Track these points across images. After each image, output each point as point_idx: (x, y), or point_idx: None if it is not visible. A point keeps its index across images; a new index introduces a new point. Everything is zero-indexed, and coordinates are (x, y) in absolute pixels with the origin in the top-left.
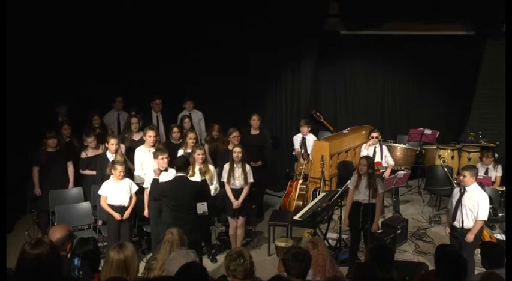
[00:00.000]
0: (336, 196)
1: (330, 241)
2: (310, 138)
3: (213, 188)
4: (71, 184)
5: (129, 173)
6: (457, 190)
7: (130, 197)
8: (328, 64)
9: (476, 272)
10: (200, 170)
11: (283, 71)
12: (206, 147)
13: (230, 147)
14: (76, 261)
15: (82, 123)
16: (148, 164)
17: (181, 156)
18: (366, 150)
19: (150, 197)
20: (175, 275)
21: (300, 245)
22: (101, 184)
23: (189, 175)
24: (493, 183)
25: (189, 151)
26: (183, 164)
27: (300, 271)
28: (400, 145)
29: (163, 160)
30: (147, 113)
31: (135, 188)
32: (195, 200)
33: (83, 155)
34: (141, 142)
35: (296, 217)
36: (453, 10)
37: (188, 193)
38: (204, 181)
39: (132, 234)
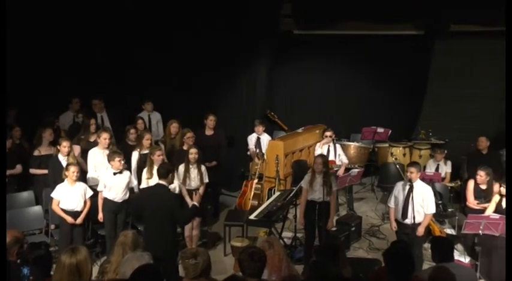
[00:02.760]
0: (291, 195)
1: (285, 240)
2: (265, 138)
3: (172, 187)
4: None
5: (83, 175)
6: (400, 187)
7: (84, 202)
8: (282, 64)
9: (426, 266)
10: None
11: (238, 71)
12: (162, 147)
13: (185, 148)
14: (25, 271)
15: (33, 125)
16: (102, 166)
17: (165, 163)
18: (320, 149)
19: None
20: (130, 277)
21: (256, 244)
22: (53, 186)
23: (146, 177)
24: (443, 179)
25: (144, 152)
26: (164, 172)
27: (255, 271)
28: (353, 144)
29: (119, 162)
30: (89, 112)
31: (90, 193)
32: (170, 212)
33: (36, 152)
34: (97, 143)
35: (251, 217)
36: (403, 10)
37: (165, 202)
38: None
39: (85, 237)
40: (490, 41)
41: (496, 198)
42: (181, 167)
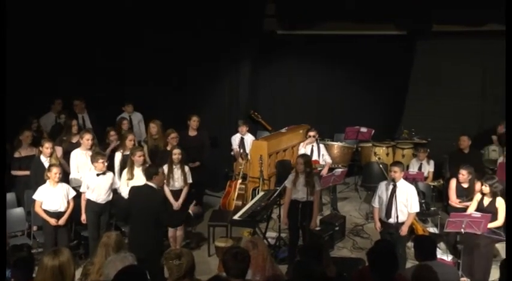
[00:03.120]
0: (275, 194)
1: (269, 240)
2: (249, 138)
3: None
4: None
5: (66, 176)
6: (383, 187)
7: (68, 202)
8: (266, 64)
9: (409, 265)
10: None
11: (221, 71)
12: (145, 148)
13: (169, 148)
14: (7, 273)
15: (14, 126)
16: (85, 167)
17: (152, 165)
18: (304, 149)
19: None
20: (113, 279)
21: (240, 245)
22: (35, 188)
23: (127, 178)
24: (425, 178)
25: (127, 153)
26: (152, 172)
27: (239, 271)
28: (337, 143)
29: (103, 164)
30: (71, 113)
31: (73, 193)
32: (158, 212)
33: (17, 154)
34: (79, 144)
35: (235, 217)
36: (386, 10)
37: (152, 204)
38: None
39: (70, 239)
40: (472, 41)
41: (477, 196)
42: (165, 168)
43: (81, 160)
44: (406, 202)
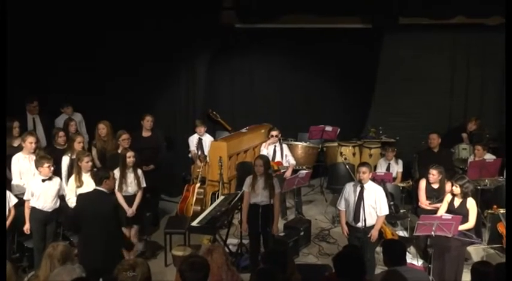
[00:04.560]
0: (236, 199)
1: (230, 247)
2: (207, 139)
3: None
4: None
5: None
6: (350, 189)
7: (8, 210)
8: (224, 60)
9: (378, 270)
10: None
11: (176, 68)
12: (94, 151)
13: (120, 151)
14: None
15: None
16: (28, 172)
17: (102, 169)
18: (266, 149)
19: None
20: None
21: (199, 253)
22: None
23: (76, 185)
24: (394, 179)
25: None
26: (102, 176)
27: None
28: (301, 143)
29: (49, 168)
30: (21, 116)
31: (14, 200)
32: (111, 219)
33: None
34: (21, 148)
35: (194, 223)
36: (350, 3)
37: (105, 210)
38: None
39: (11, 251)
40: (440, 34)
41: (448, 197)
42: (116, 172)
43: (23, 165)
44: (375, 205)
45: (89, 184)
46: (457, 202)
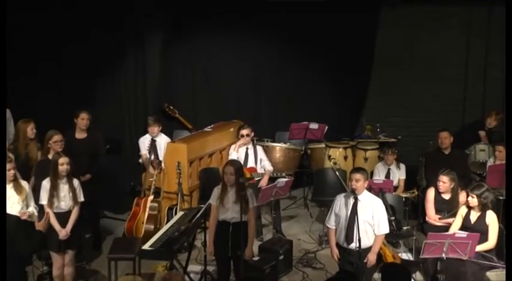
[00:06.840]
0: (198, 215)
1: (192, 275)
2: (162, 140)
3: (30, 211)
4: None
5: None
6: (341, 201)
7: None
8: (181, 43)
9: None
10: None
11: (121, 53)
12: (12, 157)
13: (50, 156)
14: None
15: None
16: None
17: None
18: (236, 153)
19: None
20: None
21: None
22: None
23: None
24: (395, 188)
25: None
26: None
27: None
28: (279, 145)
29: None
30: None
31: None
32: (12, 244)
33: None
34: None
35: (146, 247)
36: None
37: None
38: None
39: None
40: (454, 8)
41: (462, 210)
42: (46, 183)
43: None
44: (372, 221)
45: (11, 197)
46: (474, 216)
